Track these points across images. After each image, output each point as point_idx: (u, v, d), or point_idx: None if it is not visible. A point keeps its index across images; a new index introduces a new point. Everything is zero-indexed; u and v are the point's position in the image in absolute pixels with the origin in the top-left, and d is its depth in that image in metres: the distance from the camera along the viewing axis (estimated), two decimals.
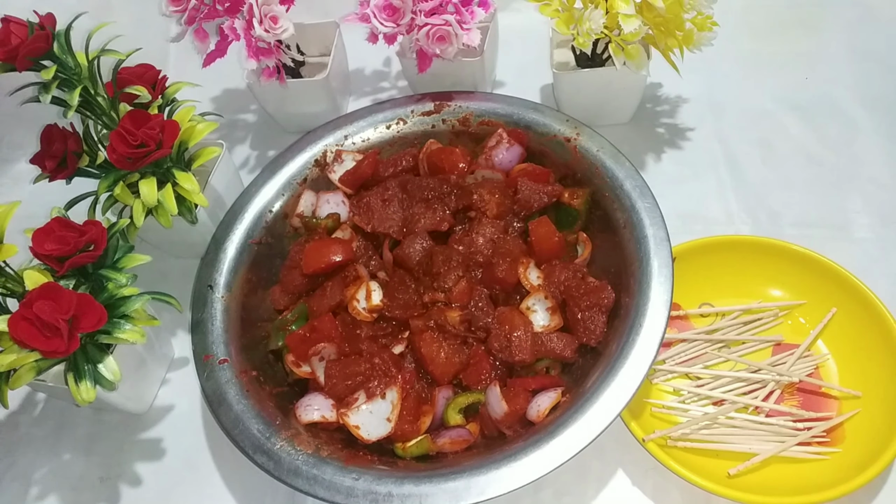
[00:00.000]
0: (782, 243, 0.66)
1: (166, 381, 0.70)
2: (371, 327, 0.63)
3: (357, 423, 0.57)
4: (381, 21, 0.71)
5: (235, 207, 0.71)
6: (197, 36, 0.73)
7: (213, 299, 0.65)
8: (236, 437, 0.56)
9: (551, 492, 0.59)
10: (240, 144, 0.89)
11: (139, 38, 0.72)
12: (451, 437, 0.57)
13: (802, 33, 0.90)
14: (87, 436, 0.68)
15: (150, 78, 0.67)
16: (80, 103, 0.61)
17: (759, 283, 0.66)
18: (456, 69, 0.78)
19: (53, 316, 0.51)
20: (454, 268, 0.62)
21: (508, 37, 0.86)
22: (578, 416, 0.52)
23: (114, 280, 0.59)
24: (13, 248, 0.56)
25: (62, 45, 0.61)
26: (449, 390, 0.60)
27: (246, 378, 0.60)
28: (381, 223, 0.66)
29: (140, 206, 0.64)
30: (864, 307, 0.61)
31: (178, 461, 0.66)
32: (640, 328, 0.55)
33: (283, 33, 0.72)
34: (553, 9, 0.69)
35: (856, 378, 0.60)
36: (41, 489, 0.65)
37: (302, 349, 0.61)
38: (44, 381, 0.60)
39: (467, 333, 0.61)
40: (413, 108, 0.75)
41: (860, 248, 0.70)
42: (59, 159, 0.65)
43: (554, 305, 0.61)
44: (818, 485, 0.54)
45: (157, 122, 0.62)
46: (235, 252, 0.68)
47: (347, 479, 0.53)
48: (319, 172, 0.74)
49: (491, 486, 0.51)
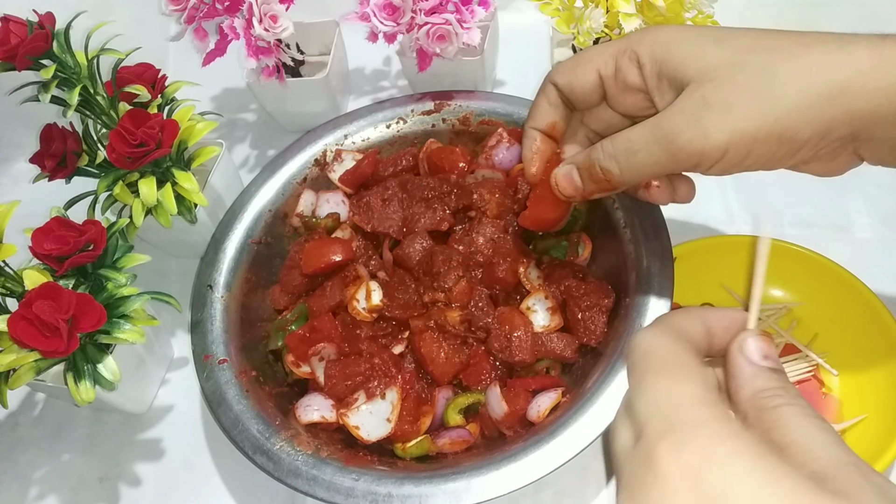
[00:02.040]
0: (783, 243, 0.65)
1: (166, 381, 0.70)
2: (371, 327, 0.62)
3: (357, 424, 0.57)
4: (381, 20, 0.71)
5: (235, 207, 0.71)
6: (196, 35, 0.72)
7: (213, 299, 0.65)
8: (236, 438, 0.56)
9: (551, 492, 0.59)
10: (239, 144, 0.89)
11: (139, 37, 0.71)
12: (451, 437, 0.57)
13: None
14: (87, 436, 0.68)
15: (149, 77, 0.67)
16: (79, 102, 0.61)
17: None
18: (456, 68, 0.77)
19: (53, 316, 0.51)
20: (454, 268, 0.62)
21: (508, 36, 0.86)
22: (578, 417, 0.52)
23: (113, 280, 0.59)
24: (12, 248, 0.56)
25: (61, 45, 0.61)
26: (449, 391, 0.60)
27: (245, 378, 0.60)
28: (380, 223, 0.66)
29: (139, 206, 0.64)
30: (865, 307, 0.61)
31: (178, 461, 0.66)
32: (640, 328, 0.55)
33: (283, 32, 0.72)
34: (553, 8, 0.69)
35: (856, 379, 0.60)
36: (41, 489, 0.65)
37: (302, 349, 0.61)
38: (43, 381, 0.60)
39: (467, 333, 0.61)
40: (413, 108, 0.75)
41: (861, 248, 0.70)
42: (58, 159, 0.64)
43: (554, 305, 0.61)
44: None
45: (157, 121, 0.62)
46: (235, 252, 0.68)
47: (347, 480, 0.53)
48: (319, 172, 0.73)
49: (491, 487, 0.51)
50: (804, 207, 0.74)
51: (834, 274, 0.63)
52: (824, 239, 0.69)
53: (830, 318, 0.63)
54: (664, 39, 0.47)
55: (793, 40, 0.43)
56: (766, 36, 0.44)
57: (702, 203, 0.75)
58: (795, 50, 0.42)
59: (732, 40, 0.44)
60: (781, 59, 0.42)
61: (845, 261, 0.63)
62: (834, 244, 0.67)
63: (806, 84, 0.41)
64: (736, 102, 0.42)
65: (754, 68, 0.42)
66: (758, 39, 0.44)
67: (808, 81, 0.41)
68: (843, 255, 0.64)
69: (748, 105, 0.42)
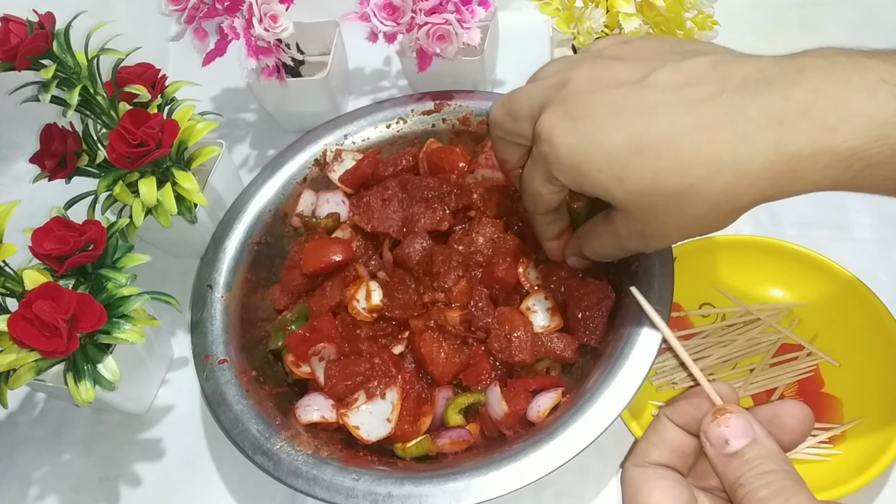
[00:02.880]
0: (783, 243, 0.65)
1: (166, 381, 0.70)
2: (371, 327, 0.62)
3: (357, 424, 0.57)
4: (381, 20, 0.71)
5: (235, 207, 0.71)
6: (196, 35, 0.72)
7: (213, 299, 0.65)
8: (236, 438, 0.56)
9: (551, 492, 0.59)
10: (239, 144, 0.89)
11: (139, 37, 0.71)
12: (452, 437, 0.57)
13: (803, 33, 0.90)
14: (87, 436, 0.68)
15: (149, 77, 0.67)
16: (79, 102, 0.61)
17: (760, 283, 0.66)
18: (456, 68, 0.77)
19: (53, 316, 0.51)
20: (454, 268, 0.62)
21: (508, 36, 0.86)
22: (578, 417, 0.52)
23: (113, 280, 0.59)
24: (12, 248, 0.55)
25: (61, 45, 0.61)
26: (449, 391, 0.60)
27: (245, 378, 0.60)
28: (380, 223, 0.66)
29: (139, 206, 0.64)
30: (865, 307, 0.61)
31: (178, 461, 0.65)
32: (640, 328, 0.55)
33: (283, 32, 0.72)
34: (553, 8, 0.69)
35: (857, 379, 0.60)
36: (40, 489, 0.65)
37: (302, 349, 0.61)
38: (43, 382, 0.60)
39: (467, 333, 0.61)
40: (413, 108, 0.75)
41: (861, 248, 0.70)
42: (58, 158, 0.64)
43: (554, 306, 0.61)
44: (818, 486, 0.54)
45: (157, 121, 0.62)
46: (235, 252, 0.68)
47: (347, 480, 0.53)
48: (319, 172, 0.73)
49: (491, 487, 0.51)
50: (804, 207, 0.73)
51: (834, 274, 0.63)
52: (824, 239, 0.69)
53: (830, 318, 0.63)
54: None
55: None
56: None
57: None
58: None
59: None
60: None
61: (845, 261, 0.63)
62: (834, 244, 0.67)
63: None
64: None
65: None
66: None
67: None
68: (843, 255, 0.64)
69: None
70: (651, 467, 0.37)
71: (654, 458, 0.37)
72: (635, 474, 0.37)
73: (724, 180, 0.40)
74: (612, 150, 0.42)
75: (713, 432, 0.35)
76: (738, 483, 0.33)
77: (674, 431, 0.38)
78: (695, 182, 0.40)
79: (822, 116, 0.37)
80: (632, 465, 0.37)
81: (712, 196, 0.40)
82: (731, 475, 0.34)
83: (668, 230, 0.44)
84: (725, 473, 0.34)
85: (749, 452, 0.34)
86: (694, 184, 0.40)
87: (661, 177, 0.41)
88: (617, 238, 0.48)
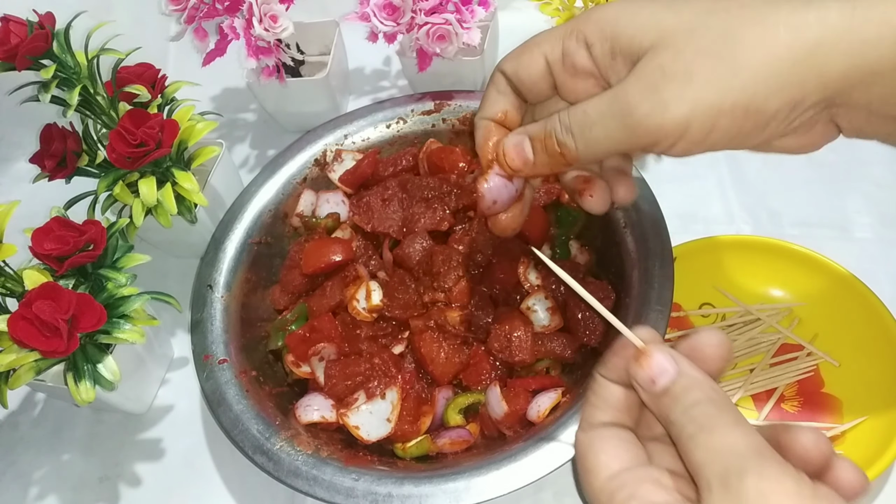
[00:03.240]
0: (783, 243, 0.65)
1: (166, 381, 0.70)
2: (371, 327, 0.63)
3: (357, 424, 0.57)
4: (381, 20, 0.71)
5: (235, 207, 0.71)
6: (196, 35, 0.72)
7: (213, 299, 0.65)
8: (236, 438, 0.56)
9: (552, 492, 0.59)
10: (239, 144, 0.89)
11: (138, 37, 0.71)
12: (451, 437, 0.57)
13: None
14: (87, 436, 0.68)
15: (149, 77, 0.67)
16: (79, 102, 0.61)
17: (760, 284, 0.66)
18: (456, 68, 0.77)
19: (53, 316, 0.51)
20: (454, 268, 0.62)
21: (508, 36, 0.86)
22: (578, 417, 0.52)
23: (113, 280, 0.59)
24: (12, 248, 0.56)
25: (61, 45, 0.61)
26: (449, 391, 0.60)
27: (245, 378, 0.60)
28: (380, 223, 0.66)
29: (139, 206, 0.64)
30: (865, 307, 0.61)
31: (178, 461, 0.66)
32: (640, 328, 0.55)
33: (283, 32, 0.72)
34: (553, 8, 0.69)
35: (857, 379, 0.60)
36: (41, 489, 0.65)
37: (302, 349, 0.61)
38: (43, 382, 0.60)
39: (467, 333, 0.61)
40: (413, 108, 0.75)
41: (861, 248, 0.70)
42: (58, 158, 0.64)
43: (554, 305, 0.61)
44: None
45: (157, 121, 0.62)
46: (235, 252, 0.68)
47: (347, 480, 0.53)
48: (319, 172, 0.73)
49: (491, 487, 0.51)
50: (804, 207, 0.74)
51: (834, 274, 0.63)
52: (824, 239, 0.69)
53: (830, 318, 0.63)
54: (612, 14, 0.42)
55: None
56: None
57: (702, 203, 0.76)
58: (761, 9, 0.38)
59: (690, 4, 0.40)
60: (745, 20, 0.38)
61: (845, 261, 0.63)
62: (834, 244, 0.67)
63: (773, 46, 0.37)
64: (697, 71, 0.38)
65: (716, 32, 0.38)
66: (717, 1, 0.40)
67: (775, 43, 0.37)
68: (843, 255, 0.64)
69: (710, 73, 0.38)
70: (597, 430, 0.35)
71: (598, 419, 0.35)
72: (581, 440, 0.35)
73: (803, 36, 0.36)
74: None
75: (639, 375, 0.34)
76: (669, 422, 0.32)
77: (611, 388, 0.36)
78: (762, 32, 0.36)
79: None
80: (579, 431, 0.36)
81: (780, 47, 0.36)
82: (663, 415, 0.33)
83: (706, 92, 0.38)
84: (660, 415, 0.33)
85: (675, 386, 0.33)
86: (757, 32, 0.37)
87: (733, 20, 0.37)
88: (629, 118, 0.40)
